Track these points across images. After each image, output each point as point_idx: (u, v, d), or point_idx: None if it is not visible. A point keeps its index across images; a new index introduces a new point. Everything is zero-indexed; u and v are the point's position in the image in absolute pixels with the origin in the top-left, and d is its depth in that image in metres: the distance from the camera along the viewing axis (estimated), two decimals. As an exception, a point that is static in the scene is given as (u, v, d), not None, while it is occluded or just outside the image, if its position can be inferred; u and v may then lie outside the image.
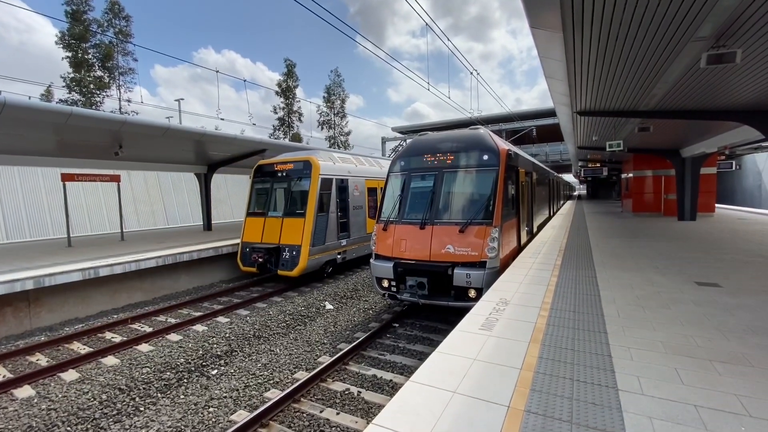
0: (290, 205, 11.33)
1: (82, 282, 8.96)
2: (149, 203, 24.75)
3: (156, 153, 13.72)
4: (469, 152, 7.32)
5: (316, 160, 11.42)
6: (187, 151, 14.21)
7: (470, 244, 6.72)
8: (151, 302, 10.23)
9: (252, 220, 11.81)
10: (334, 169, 11.93)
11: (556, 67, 6.52)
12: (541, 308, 4.78)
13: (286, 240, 10.88)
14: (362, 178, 13.11)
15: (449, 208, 7.22)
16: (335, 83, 52.12)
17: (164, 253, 10.81)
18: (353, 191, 12.57)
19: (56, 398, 5.41)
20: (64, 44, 30.68)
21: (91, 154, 12.68)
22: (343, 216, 11.98)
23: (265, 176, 12.06)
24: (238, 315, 8.88)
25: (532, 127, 29.31)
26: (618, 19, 4.64)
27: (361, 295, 10.32)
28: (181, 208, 26.89)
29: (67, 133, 10.00)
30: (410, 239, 7.21)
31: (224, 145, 13.78)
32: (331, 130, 52.40)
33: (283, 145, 15.74)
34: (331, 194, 11.48)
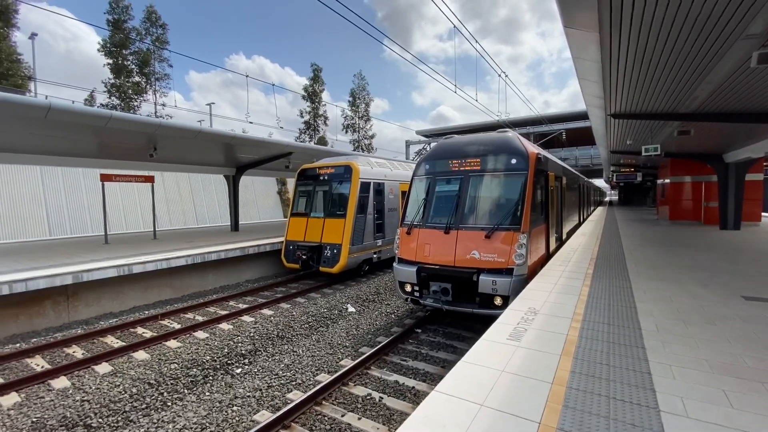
0: (331, 207, 11.91)
1: (117, 278, 9.33)
2: (180, 203, 25.66)
3: (188, 155, 14.20)
4: (497, 156, 7.15)
5: (356, 164, 11.94)
6: (217, 154, 14.63)
7: (497, 251, 6.55)
8: (180, 299, 10.54)
9: (295, 220, 12.48)
10: (372, 174, 12.44)
11: (590, 68, 6.27)
12: (572, 319, 4.57)
13: (328, 239, 11.44)
14: (397, 182, 13.59)
15: (475, 213, 7.07)
16: (360, 87, 52.61)
17: (193, 252, 11.13)
18: (388, 194, 13.04)
19: (90, 390, 5.62)
20: (105, 51, 32.39)
21: (128, 155, 13.26)
22: (379, 217, 12.51)
23: (307, 179, 12.72)
24: (263, 315, 9.01)
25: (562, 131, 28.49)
26: (660, 17, 4.41)
27: (383, 298, 10.29)
28: (210, 208, 27.74)
29: (106, 135, 10.49)
30: (434, 244, 7.10)
31: (252, 148, 14.10)
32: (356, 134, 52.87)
33: (308, 148, 15.99)
34: (369, 197, 12.08)
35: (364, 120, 53.26)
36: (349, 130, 52.69)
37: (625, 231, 14.75)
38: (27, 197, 18.98)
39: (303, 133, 48.89)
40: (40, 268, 8.78)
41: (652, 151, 10.69)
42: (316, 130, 48.94)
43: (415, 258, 7.25)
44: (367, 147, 53.03)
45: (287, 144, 14.78)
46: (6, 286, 7.51)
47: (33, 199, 19.14)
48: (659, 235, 13.47)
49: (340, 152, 17.03)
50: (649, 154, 10.73)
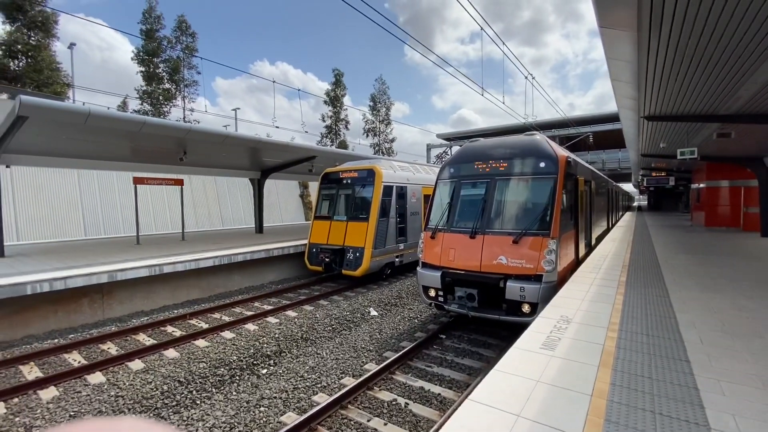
0: (354, 210, 12.02)
1: (148, 278, 9.64)
2: (206, 206, 26.38)
3: (215, 159, 14.58)
4: (524, 159, 7.01)
5: (379, 168, 12.00)
6: (243, 158, 14.96)
7: (525, 256, 6.39)
8: (207, 299, 10.78)
9: (319, 223, 12.65)
10: (395, 177, 12.46)
11: (624, 68, 6.07)
12: (608, 329, 4.39)
13: (351, 242, 11.55)
14: (419, 186, 13.59)
15: (502, 218, 6.94)
16: (380, 91, 52.91)
17: (220, 253, 11.39)
18: (411, 198, 13.04)
19: (123, 386, 5.79)
20: (138, 60, 33.83)
21: (159, 159, 13.73)
22: (401, 221, 12.55)
23: (331, 183, 12.88)
24: (287, 316, 9.10)
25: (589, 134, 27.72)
26: (704, 14, 4.22)
27: (405, 303, 10.22)
28: (235, 211, 28.40)
29: (140, 140, 10.90)
30: (459, 248, 7.00)
31: (277, 152, 14.35)
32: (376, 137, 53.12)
33: (331, 153, 16.14)
34: (392, 200, 12.11)
35: (384, 124, 53.44)
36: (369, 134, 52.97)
37: (657, 237, 14.17)
38: (65, 200, 19.95)
39: (324, 137, 49.48)
40: (77, 267, 9.17)
41: (689, 154, 10.24)
42: (338, 134, 49.44)
43: (439, 262, 7.16)
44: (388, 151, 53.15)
45: (311, 148, 14.96)
46: (47, 283, 7.87)
47: (70, 201, 20.10)
48: (695, 242, 12.87)
49: (363, 156, 17.11)
50: (684, 158, 10.28)
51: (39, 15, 26.31)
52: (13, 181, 18.31)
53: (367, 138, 53.13)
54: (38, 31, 26.52)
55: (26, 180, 18.75)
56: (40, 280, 7.81)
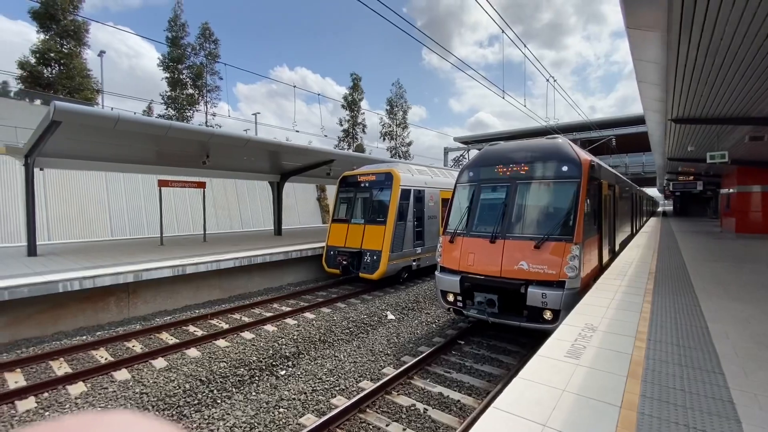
0: (372, 213, 12.11)
1: (171, 278, 9.89)
2: (227, 208, 26.93)
3: (237, 162, 14.88)
4: (546, 162, 6.89)
5: (396, 171, 12.05)
6: (264, 161, 15.21)
7: (547, 262, 6.27)
8: (227, 300, 10.98)
9: (336, 226, 12.79)
10: (412, 181, 12.50)
11: (651, 70, 5.91)
12: (635, 338, 4.25)
13: (368, 245, 11.63)
14: (437, 189, 13.59)
15: (523, 222, 6.84)
16: (397, 95, 53.04)
17: (240, 255, 11.58)
18: (428, 202, 13.04)
19: (148, 383, 5.94)
20: (164, 66, 34.94)
21: (183, 162, 14.11)
22: (419, 225, 12.55)
23: (348, 186, 13.01)
24: (305, 318, 9.17)
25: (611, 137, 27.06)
26: (737, 16, 4.07)
27: (422, 307, 10.17)
28: (254, 213, 28.90)
29: (165, 143, 11.23)
30: (479, 253, 6.93)
31: (297, 156, 14.54)
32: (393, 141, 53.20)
33: (349, 156, 16.26)
34: (409, 204, 12.13)
35: (401, 127, 53.50)
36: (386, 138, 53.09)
37: (685, 244, 13.68)
38: (93, 201, 20.70)
39: (342, 141, 49.84)
40: (105, 266, 9.48)
41: (719, 158, 9.87)
42: (355, 137, 49.76)
43: (458, 267, 7.11)
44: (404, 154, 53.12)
45: (329, 152, 15.10)
46: (77, 282, 8.17)
47: (98, 203, 20.84)
48: (726, 249, 12.36)
49: (380, 159, 17.16)
50: (714, 162, 9.92)
51: (71, 24, 27.52)
52: (45, 183, 19.13)
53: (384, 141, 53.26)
54: (70, 39, 27.74)
55: (57, 182, 19.56)
56: (70, 278, 8.11)
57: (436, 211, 13.44)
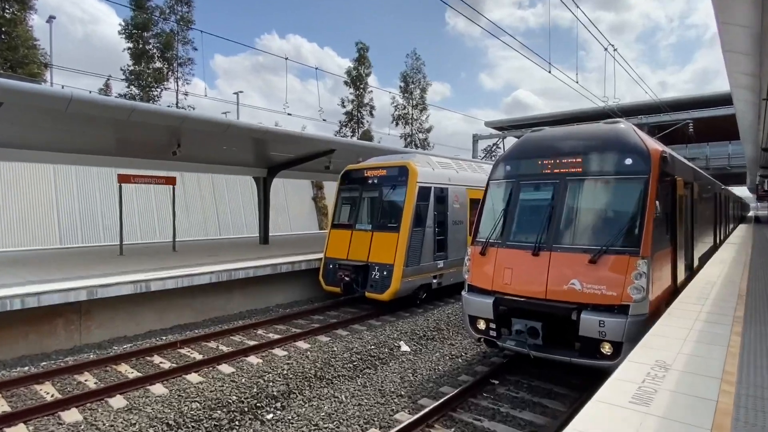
0: (382, 217, 12.26)
1: (132, 296, 10.03)
2: (202, 210, 27.27)
3: (214, 153, 15.08)
4: (605, 154, 6.83)
5: (413, 165, 12.14)
6: (248, 152, 15.39)
7: (605, 280, 6.20)
8: (202, 324, 11.08)
9: (337, 233, 12.97)
10: (433, 176, 12.60)
11: (741, 36, 5.83)
12: (722, 380, 4.15)
13: (377, 257, 11.77)
14: (464, 187, 13.70)
15: (575, 230, 6.77)
16: (414, 69, 53.15)
17: (217, 268, 11.70)
18: (453, 203, 13.16)
19: (103, 428, 6.01)
20: (126, 34, 35.64)
21: (149, 153, 14.35)
22: (441, 232, 12.68)
23: (353, 183, 13.19)
24: (297, 348, 9.21)
25: (687, 121, 26.65)
26: None
27: (445, 336, 10.15)
28: (235, 216, 29.22)
29: (127, 130, 11.43)
30: (518, 268, 6.90)
31: (288, 145, 14.69)
32: (408, 126, 53.35)
33: (354, 145, 16.38)
34: (429, 206, 12.26)
35: (418, 109, 53.69)
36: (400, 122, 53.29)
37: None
38: (39, 201, 21.15)
39: (344, 127, 50.13)
40: (52, 281, 9.67)
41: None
42: (360, 122, 50.07)
43: (491, 286, 7.09)
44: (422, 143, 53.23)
45: (329, 140, 15.22)
46: (18, 300, 8.33)
47: (45, 202, 21.28)
48: (837, 265, 12.04)
49: (392, 150, 17.22)
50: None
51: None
52: (-18, 178, 19.62)
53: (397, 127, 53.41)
54: (13, 2, 28.49)
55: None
56: (9, 296, 8.28)
57: (462, 215, 13.49)
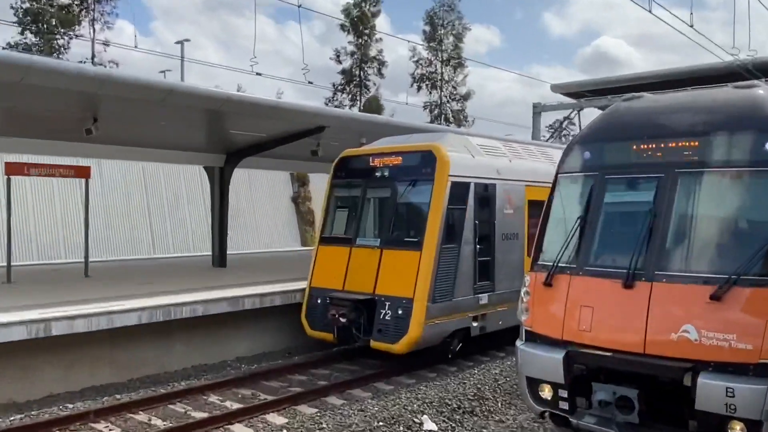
0: (396, 228, 12.36)
1: (25, 343, 10.09)
2: (127, 216, 27.41)
3: (148, 132, 15.26)
4: (736, 134, 6.76)
5: (443, 150, 12.12)
6: (196, 129, 15.54)
7: (736, 326, 6.10)
8: (127, 386, 11.13)
9: (329, 252, 13.08)
10: (474, 167, 12.62)
11: None
12: None
13: (388, 288, 11.78)
14: (520, 184, 13.71)
15: (689, 249, 6.72)
16: (445, 5, 53.22)
17: (151, 302, 11.73)
18: (503, 207, 13.19)
19: None
20: (20, -42, 36.19)
21: (51, 132, 14.49)
22: (484, 251, 12.72)
23: (353, 177, 13.30)
24: (269, 424, 9.22)
25: None
26: None
27: (491, 408, 10.09)
28: (177, 225, 29.27)
29: (19, 97, 11.55)
30: (603, 307, 6.82)
31: (257, 119, 14.83)
32: (436, 92, 53.32)
33: (354, 119, 16.44)
34: (467, 211, 12.28)
35: (451, 66, 53.80)
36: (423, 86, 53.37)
37: None
38: None
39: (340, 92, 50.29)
40: None
41: None
42: (364, 85, 50.22)
43: (561, 334, 7.03)
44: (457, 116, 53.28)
45: (318, 112, 15.32)
46: None
47: None
48: None
49: (413, 126, 17.19)
50: None
51: None
52: None
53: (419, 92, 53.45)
54: None
55: None
56: None
57: (518, 226, 13.51)
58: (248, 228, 31.43)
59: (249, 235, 31.24)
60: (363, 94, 49.76)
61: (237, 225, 29.73)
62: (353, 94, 50.13)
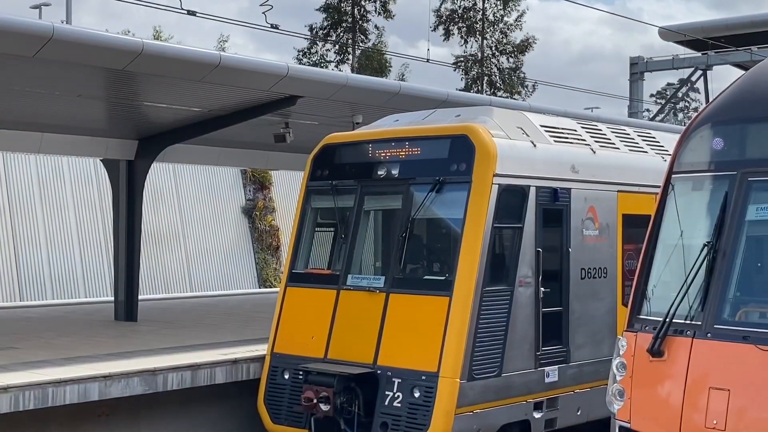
0: (409, 260, 12.40)
1: None
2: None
3: (12, 105, 15.30)
4: None
5: (484, 134, 12.10)
6: (91, 99, 15.62)
7: None
8: None
9: (302, 296, 13.23)
10: (534, 162, 12.66)
11: None
12: None
13: (397, 356, 11.99)
14: (611, 189, 13.82)
15: None
16: None
17: (15, 380, 11.72)
18: (584, 225, 13.27)
19: None
20: None
21: None
22: (553, 297, 12.76)
23: (341, 177, 13.35)
24: None
25: None
26: None
27: None
28: (58, 256, 29.22)
29: None
30: (745, 390, 6.82)
31: (187, 85, 14.95)
32: (474, 39, 53.67)
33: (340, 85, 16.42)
34: (524, 232, 12.25)
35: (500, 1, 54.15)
36: (455, 29, 53.70)
37: None
38: None
39: (321, 40, 50.67)
40: None
41: None
42: (360, 30, 50.55)
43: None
44: (508, 79, 53.57)
45: (283, 73, 15.28)
46: None
47: None
48: None
49: (437, 96, 17.21)
50: None
51: None
52: None
53: (448, 41, 53.76)
54: None
55: None
56: None
57: (606, 255, 13.63)
58: (172, 258, 31.45)
59: (173, 270, 31.27)
60: (358, 44, 50.08)
61: (154, 253, 29.82)
62: (342, 44, 50.46)
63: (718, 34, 42.07)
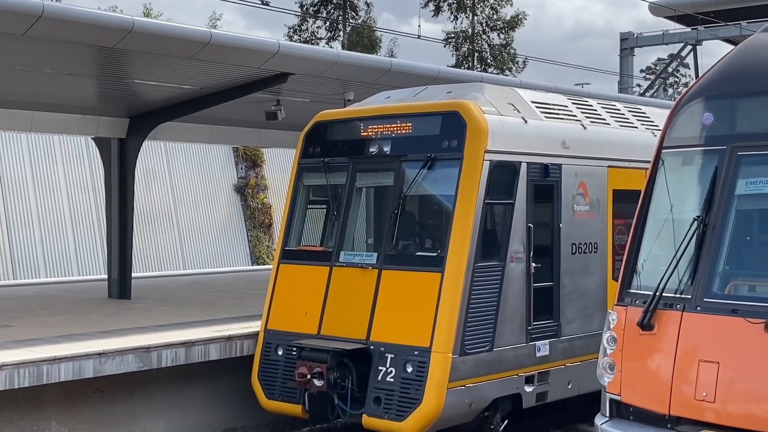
0: (402, 236, 12.39)
1: None
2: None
3: (3, 84, 15.19)
4: None
5: (475, 110, 12.07)
6: (79, 77, 15.56)
7: None
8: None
9: (295, 273, 13.20)
10: (525, 138, 12.66)
11: None
12: None
13: (390, 332, 12.02)
14: (602, 164, 13.81)
15: None
16: None
17: (10, 358, 11.71)
18: (574, 201, 13.30)
19: None
20: None
21: None
22: (544, 272, 12.78)
23: (332, 154, 13.32)
24: None
25: None
26: None
27: None
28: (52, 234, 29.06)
29: None
30: (734, 362, 6.83)
31: (179, 62, 14.91)
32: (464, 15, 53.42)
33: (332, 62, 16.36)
34: (515, 208, 12.26)
35: (490, -24, 53.86)
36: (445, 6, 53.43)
37: None
38: None
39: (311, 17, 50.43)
40: None
41: None
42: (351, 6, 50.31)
43: (666, 407, 7.11)
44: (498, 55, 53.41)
45: (275, 50, 15.22)
46: None
47: None
48: None
49: (427, 72, 17.17)
50: None
51: None
52: None
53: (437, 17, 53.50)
54: None
55: None
56: None
57: (596, 230, 13.67)
58: (164, 237, 31.40)
59: (165, 248, 31.23)
60: (348, 20, 49.89)
61: (147, 232, 29.76)
62: (333, 20, 50.29)
63: (708, 9, 42.04)
